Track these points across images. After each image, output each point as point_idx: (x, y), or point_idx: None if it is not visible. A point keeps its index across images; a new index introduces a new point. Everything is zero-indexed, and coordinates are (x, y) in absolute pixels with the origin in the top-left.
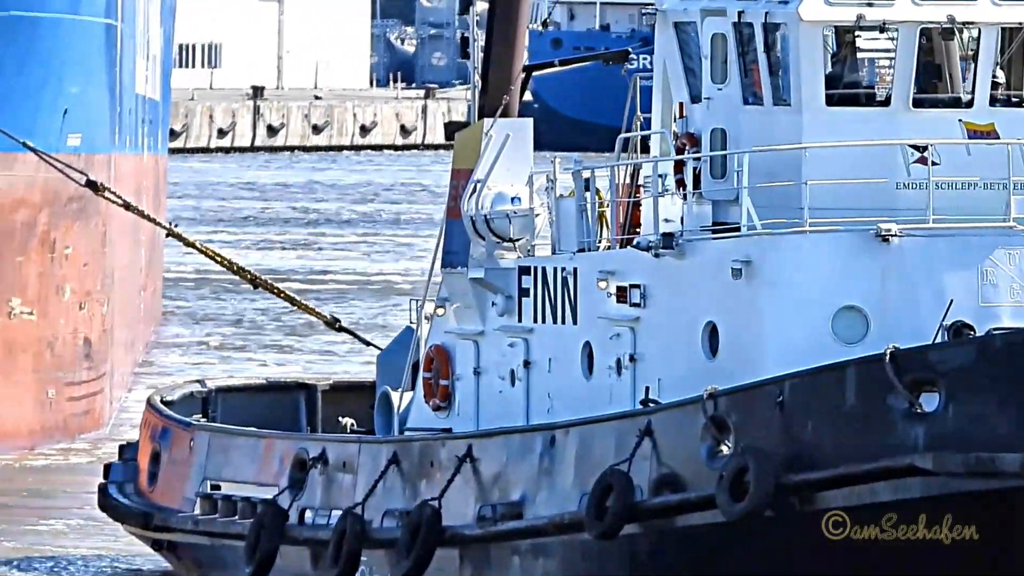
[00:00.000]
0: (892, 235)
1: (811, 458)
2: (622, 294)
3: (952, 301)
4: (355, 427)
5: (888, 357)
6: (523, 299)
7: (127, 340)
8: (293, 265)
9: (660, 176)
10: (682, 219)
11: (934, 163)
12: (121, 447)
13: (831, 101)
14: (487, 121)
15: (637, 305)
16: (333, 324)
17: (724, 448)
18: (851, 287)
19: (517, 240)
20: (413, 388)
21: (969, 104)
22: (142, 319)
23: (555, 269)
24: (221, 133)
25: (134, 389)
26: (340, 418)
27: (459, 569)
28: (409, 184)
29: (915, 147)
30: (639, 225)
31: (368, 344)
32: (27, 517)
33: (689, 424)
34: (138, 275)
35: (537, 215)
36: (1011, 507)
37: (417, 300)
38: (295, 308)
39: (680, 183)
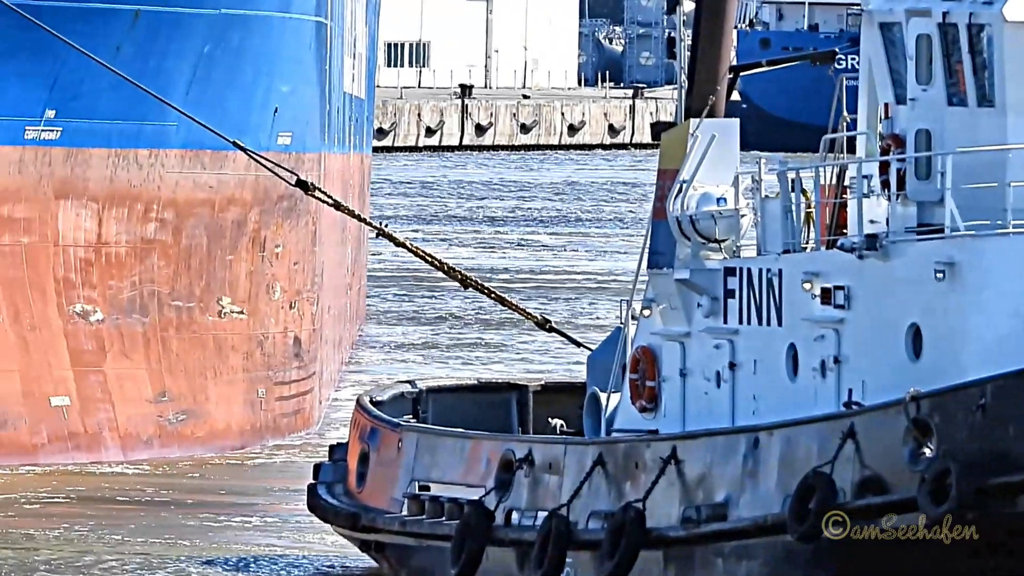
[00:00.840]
0: None
1: (1013, 461)
2: (826, 296)
3: None
4: (564, 428)
5: None
6: (728, 300)
7: (335, 339)
8: (500, 263)
9: (865, 177)
10: (887, 220)
11: None
12: (331, 447)
13: None
14: (693, 121)
15: (841, 307)
16: (543, 324)
17: (926, 451)
18: None
19: (723, 241)
20: (621, 389)
21: None
22: (348, 318)
23: (760, 270)
24: (429, 132)
25: (341, 388)
26: (550, 419)
27: (663, 570)
28: (617, 184)
29: None
30: (845, 226)
31: (578, 344)
32: (236, 516)
33: (892, 426)
34: (345, 274)
35: (743, 216)
36: None
37: (625, 301)
38: (503, 307)
39: (885, 184)
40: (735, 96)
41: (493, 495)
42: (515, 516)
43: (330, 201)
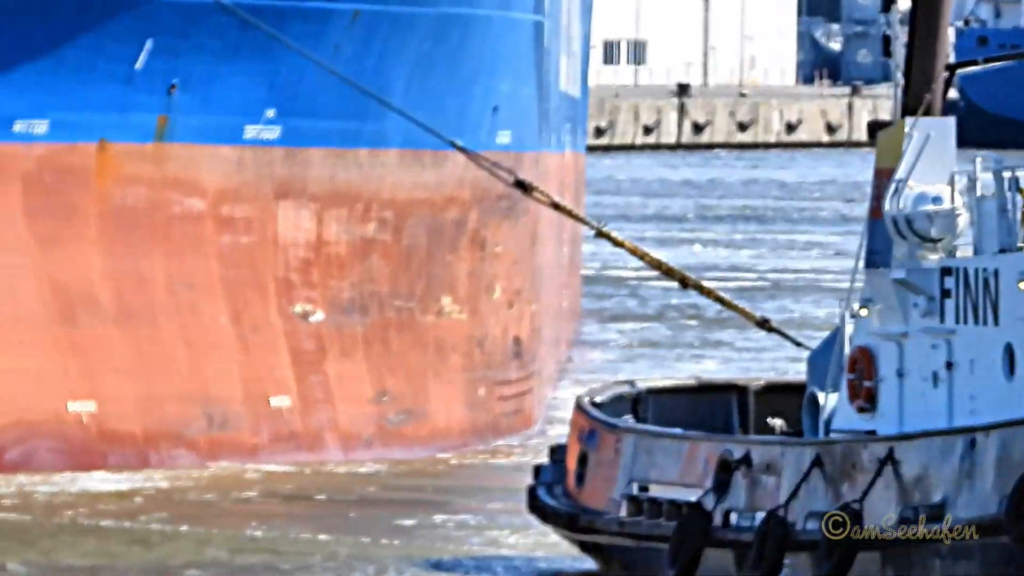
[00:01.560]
0: None
1: None
2: None
3: None
4: (784, 428)
5: None
6: (945, 300)
7: (553, 339)
8: (716, 261)
9: None
10: None
11: None
12: (551, 448)
13: None
14: (908, 120)
15: None
16: (763, 324)
17: None
18: None
19: (939, 240)
20: (840, 389)
21: None
22: (565, 317)
23: (976, 270)
24: (646, 130)
25: (559, 388)
26: (769, 419)
27: (881, 571)
28: (835, 183)
29: None
30: None
31: (797, 344)
32: (455, 516)
33: None
34: (561, 273)
35: (959, 215)
36: None
37: (843, 300)
38: (721, 306)
39: None
40: (953, 94)
41: (711, 496)
42: (733, 517)
43: (548, 201)
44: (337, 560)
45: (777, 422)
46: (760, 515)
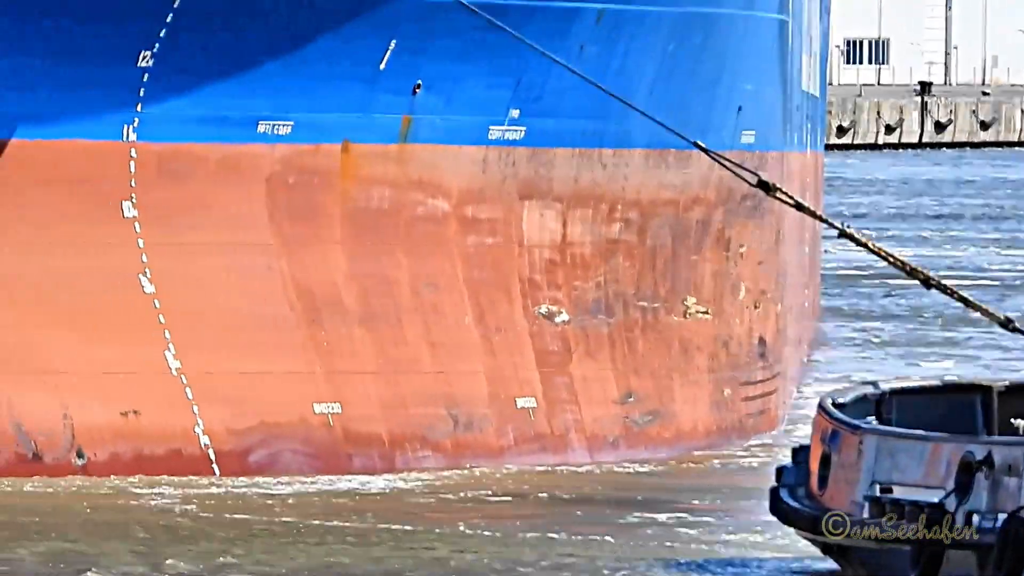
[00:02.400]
0: None
1: None
2: None
3: None
4: None
5: None
6: None
7: (795, 339)
8: (955, 261)
9: None
10: None
11: None
12: (794, 450)
13: None
14: None
15: None
16: (1006, 324)
17: None
18: None
19: None
20: None
21: None
22: (806, 317)
23: None
24: (888, 129)
25: (802, 389)
26: (1012, 420)
27: None
28: None
29: None
30: None
31: None
32: (698, 517)
33: None
34: (803, 273)
35: None
36: None
37: None
38: (964, 307)
39: None
40: None
41: (953, 498)
42: (975, 519)
43: (792, 201)
44: (576, 559)
45: (1021, 423)
46: (1002, 517)
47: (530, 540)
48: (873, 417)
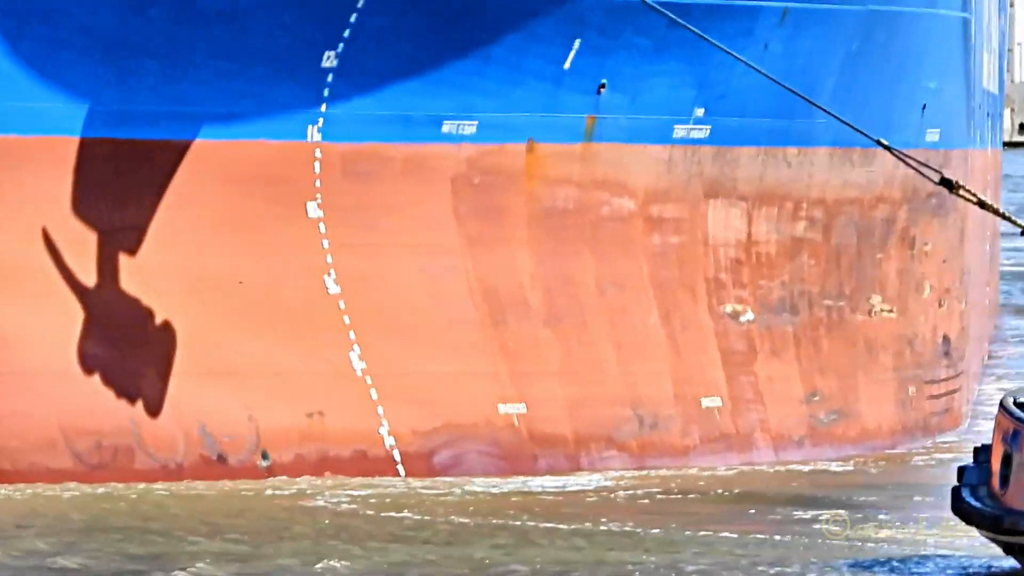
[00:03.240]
0: None
1: None
2: None
3: None
4: None
5: None
6: None
7: (978, 336)
8: None
9: None
10: None
11: None
12: (975, 449)
13: None
14: None
15: None
16: None
17: None
18: None
19: None
20: None
21: None
22: (987, 314)
23: None
24: None
25: (983, 387)
26: None
27: None
28: None
29: None
30: None
31: None
32: (881, 515)
33: None
34: (984, 270)
35: None
36: None
37: None
38: None
39: None
40: None
41: None
42: None
43: (974, 200)
44: (758, 559)
45: None
46: None
47: (729, 541)
48: None
